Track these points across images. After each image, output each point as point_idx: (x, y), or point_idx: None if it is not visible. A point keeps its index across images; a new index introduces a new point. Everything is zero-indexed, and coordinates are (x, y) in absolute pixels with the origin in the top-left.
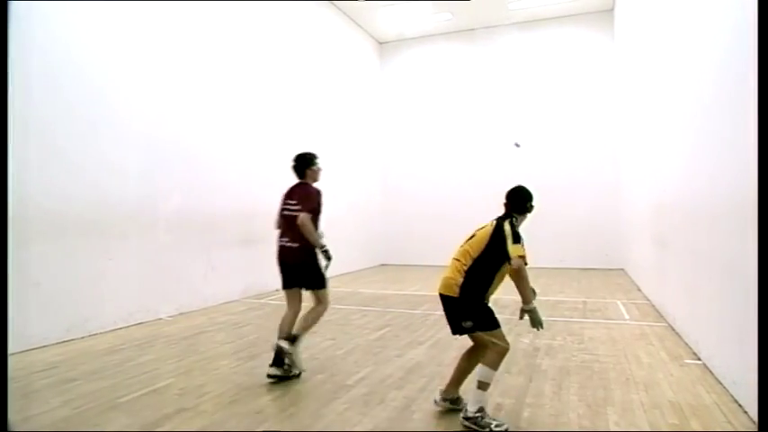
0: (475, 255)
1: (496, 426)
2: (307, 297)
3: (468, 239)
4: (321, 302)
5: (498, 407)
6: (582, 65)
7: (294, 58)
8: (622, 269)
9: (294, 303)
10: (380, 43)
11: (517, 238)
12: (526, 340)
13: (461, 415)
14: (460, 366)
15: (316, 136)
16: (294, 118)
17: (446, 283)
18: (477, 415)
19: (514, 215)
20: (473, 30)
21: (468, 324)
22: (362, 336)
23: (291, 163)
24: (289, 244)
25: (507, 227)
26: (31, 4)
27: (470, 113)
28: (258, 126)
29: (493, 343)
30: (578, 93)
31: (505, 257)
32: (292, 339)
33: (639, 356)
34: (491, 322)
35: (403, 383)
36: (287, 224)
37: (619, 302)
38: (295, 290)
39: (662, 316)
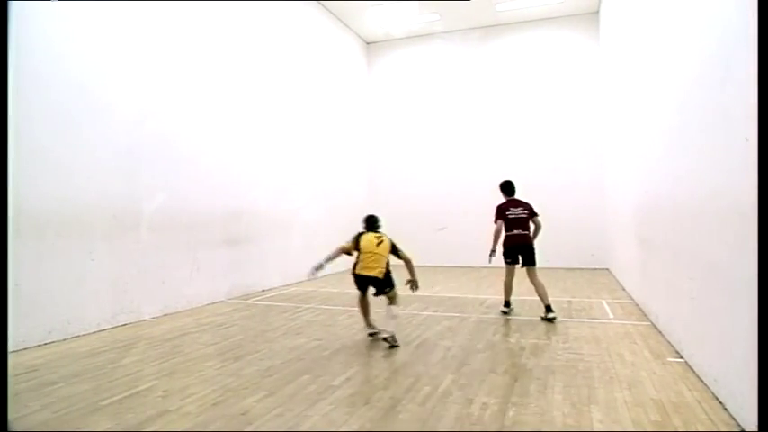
0: (387, 255)
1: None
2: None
3: (378, 247)
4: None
5: (484, 406)
6: (567, 66)
7: (281, 58)
8: (607, 269)
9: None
10: (368, 43)
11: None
12: (512, 339)
13: (383, 336)
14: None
15: (302, 136)
16: (281, 117)
17: (380, 270)
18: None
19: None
20: (460, 31)
21: (389, 289)
22: (349, 336)
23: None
24: (524, 233)
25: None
26: (14, 3)
27: (457, 114)
28: (244, 125)
29: (395, 294)
30: (563, 94)
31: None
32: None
33: (623, 355)
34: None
35: (389, 384)
36: (519, 222)
37: (603, 302)
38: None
39: (645, 315)
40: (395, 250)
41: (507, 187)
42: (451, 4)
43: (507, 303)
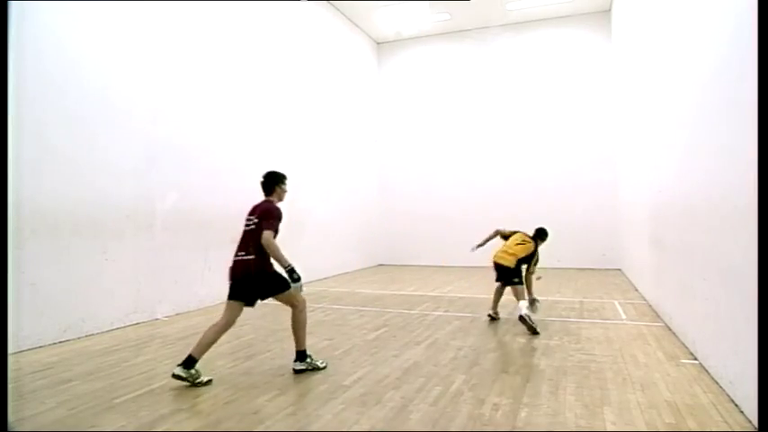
0: (520, 256)
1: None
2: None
3: (516, 243)
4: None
5: (495, 406)
6: (579, 65)
7: (292, 58)
8: (619, 269)
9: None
10: (378, 43)
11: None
12: (523, 340)
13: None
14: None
15: (313, 136)
16: (291, 118)
17: (509, 259)
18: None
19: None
20: (470, 30)
21: (516, 280)
22: (360, 336)
23: (261, 179)
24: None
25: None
26: (24, 3)
27: (467, 114)
28: (255, 126)
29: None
30: (575, 93)
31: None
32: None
33: (636, 356)
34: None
35: (400, 384)
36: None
37: (616, 302)
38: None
39: (659, 316)
40: (528, 260)
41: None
42: (461, 3)
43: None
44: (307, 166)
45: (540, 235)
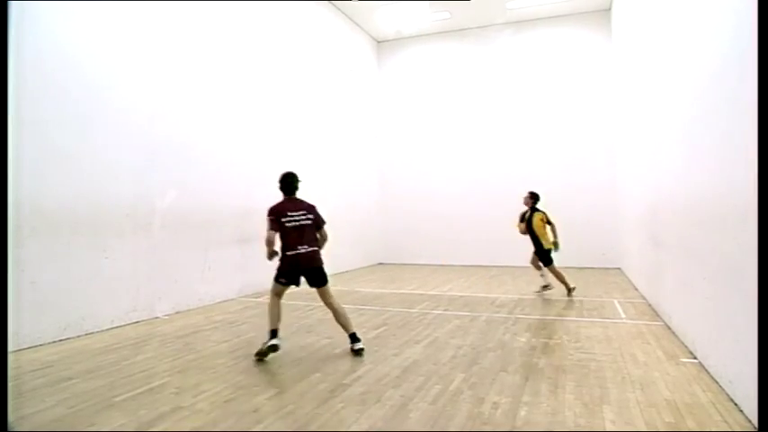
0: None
1: None
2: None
3: (545, 221)
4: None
5: (495, 405)
6: (579, 64)
7: (292, 57)
8: (619, 268)
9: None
10: (378, 42)
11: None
12: (523, 339)
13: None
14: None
15: (313, 135)
16: (291, 116)
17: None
18: None
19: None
20: (471, 29)
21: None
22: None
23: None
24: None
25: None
26: (24, 3)
27: (467, 113)
28: (255, 124)
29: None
30: (575, 92)
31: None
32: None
33: (636, 355)
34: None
35: (400, 382)
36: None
37: (615, 301)
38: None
39: (658, 315)
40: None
41: (284, 182)
42: (461, 2)
43: (275, 333)
44: (306, 165)
45: (538, 199)
